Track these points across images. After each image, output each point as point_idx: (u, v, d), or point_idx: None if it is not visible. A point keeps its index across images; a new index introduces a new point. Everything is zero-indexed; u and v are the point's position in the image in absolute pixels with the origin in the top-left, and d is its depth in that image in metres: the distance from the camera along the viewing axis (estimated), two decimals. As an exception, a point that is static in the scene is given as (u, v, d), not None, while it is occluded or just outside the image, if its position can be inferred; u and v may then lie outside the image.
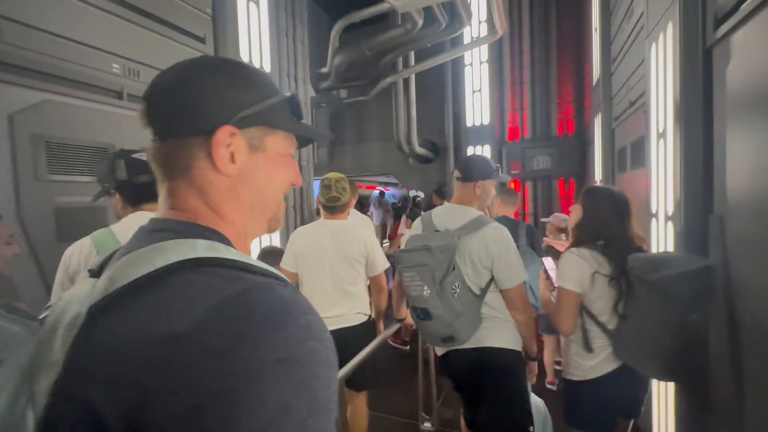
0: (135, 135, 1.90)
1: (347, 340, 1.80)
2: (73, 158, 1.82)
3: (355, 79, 5.92)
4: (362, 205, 8.74)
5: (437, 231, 1.57)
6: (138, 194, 1.25)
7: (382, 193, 9.49)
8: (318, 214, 2.18)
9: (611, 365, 1.45)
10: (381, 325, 2.14)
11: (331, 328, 1.15)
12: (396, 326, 2.03)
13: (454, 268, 1.45)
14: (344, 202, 2.01)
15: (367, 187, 12.37)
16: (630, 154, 2.75)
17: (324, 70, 5.68)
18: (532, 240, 2.50)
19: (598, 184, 3.79)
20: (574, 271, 1.45)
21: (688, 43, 1.54)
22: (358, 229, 2.02)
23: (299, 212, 3.49)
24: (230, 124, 0.45)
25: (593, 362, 1.46)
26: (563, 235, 2.94)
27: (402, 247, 1.58)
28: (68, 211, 1.79)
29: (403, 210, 6.24)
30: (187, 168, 0.45)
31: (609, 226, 1.46)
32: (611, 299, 1.43)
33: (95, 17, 1.90)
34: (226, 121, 0.45)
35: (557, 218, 3.08)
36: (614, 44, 3.24)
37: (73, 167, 1.82)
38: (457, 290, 1.45)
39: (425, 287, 1.44)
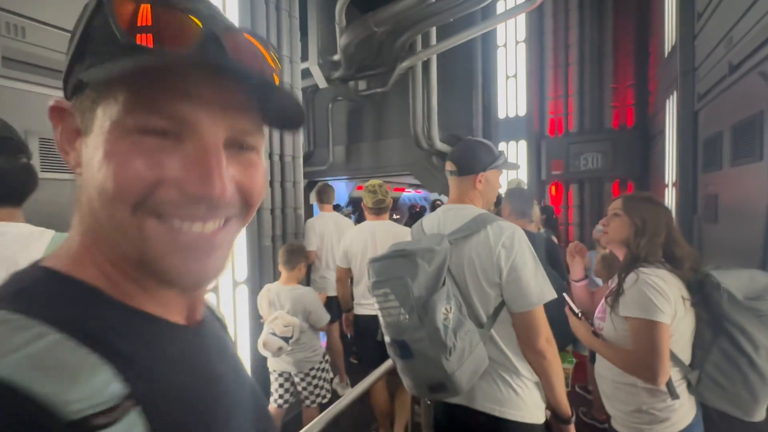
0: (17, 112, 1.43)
1: None
2: None
3: (372, 68, 5.26)
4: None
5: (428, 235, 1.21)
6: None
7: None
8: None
9: (694, 407, 1.21)
10: None
11: None
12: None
13: (444, 284, 1.06)
14: (388, 204, 2.37)
15: (396, 189, 11.71)
16: (730, 144, 1.86)
17: (336, 57, 5.08)
18: (552, 256, 1.95)
19: (669, 186, 2.89)
20: (665, 298, 1.14)
21: None
22: (402, 227, 2.38)
23: (280, 218, 2.87)
24: (68, 93, 0.34)
25: (680, 412, 1.18)
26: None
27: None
28: None
29: (421, 216, 5.50)
30: None
31: (676, 240, 1.23)
32: (691, 329, 1.20)
33: None
34: (67, 91, 0.34)
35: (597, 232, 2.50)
36: (701, -6, 2.33)
37: None
38: (450, 314, 1.03)
39: (402, 310, 1.03)
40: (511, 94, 4.74)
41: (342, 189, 10.07)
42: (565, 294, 1.46)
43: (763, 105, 1.49)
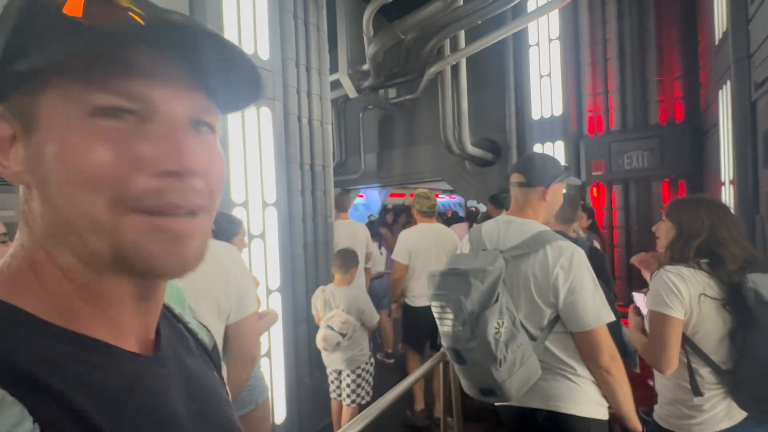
0: None
1: None
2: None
3: (401, 75, 5.29)
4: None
5: (484, 250, 1.26)
6: None
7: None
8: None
9: (731, 420, 1.18)
10: None
11: None
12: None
13: (497, 300, 1.12)
14: (437, 209, 2.84)
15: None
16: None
17: (365, 67, 5.16)
18: (597, 267, 1.79)
19: (726, 184, 2.63)
20: (675, 293, 1.19)
21: None
22: (450, 229, 2.89)
23: (311, 226, 2.93)
24: None
25: (707, 415, 1.19)
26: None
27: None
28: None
29: (453, 222, 5.40)
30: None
31: (720, 240, 1.22)
32: (721, 330, 1.20)
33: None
34: None
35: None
36: (754, -27, 2.13)
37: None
38: (501, 329, 1.10)
39: (456, 322, 1.13)
40: (546, 94, 4.56)
41: (375, 196, 10.15)
42: (637, 293, 1.53)
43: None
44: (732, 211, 1.30)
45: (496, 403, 1.31)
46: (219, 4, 2.22)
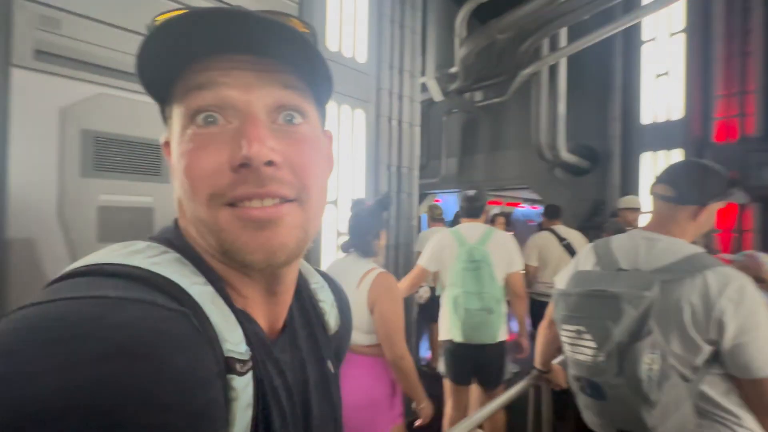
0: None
1: None
2: (120, 155, 1.70)
3: (491, 77, 5.09)
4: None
5: (620, 269, 1.07)
6: (466, 212, 2.26)
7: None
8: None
9: None
10: None
11: None
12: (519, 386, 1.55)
13: (650, 331, 0.95)
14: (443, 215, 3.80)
15: (508, 204, 11.04)
16: None
17: (453, 69, 5.07)
18: None
19: None
20: None
21: None
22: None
23: (395, 228, 2.93)
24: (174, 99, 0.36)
25: None
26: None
27: (561, 286, 1.15)
28: (111, 211, 1.67)
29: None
30: None
31: None
32: None
33: (152, 5, 1.77)
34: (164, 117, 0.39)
35: (753, 259, 1.98)
36: None
37: (120, 165, 1.70)
38: (654, 365, 0.94)
39: (599, 351, 0.98)
40: (661, 96, 4.02)
41: (452, 202, 9.94)
42: None
43: None
44: None
45: None
46: (324, 13, 2.33)
